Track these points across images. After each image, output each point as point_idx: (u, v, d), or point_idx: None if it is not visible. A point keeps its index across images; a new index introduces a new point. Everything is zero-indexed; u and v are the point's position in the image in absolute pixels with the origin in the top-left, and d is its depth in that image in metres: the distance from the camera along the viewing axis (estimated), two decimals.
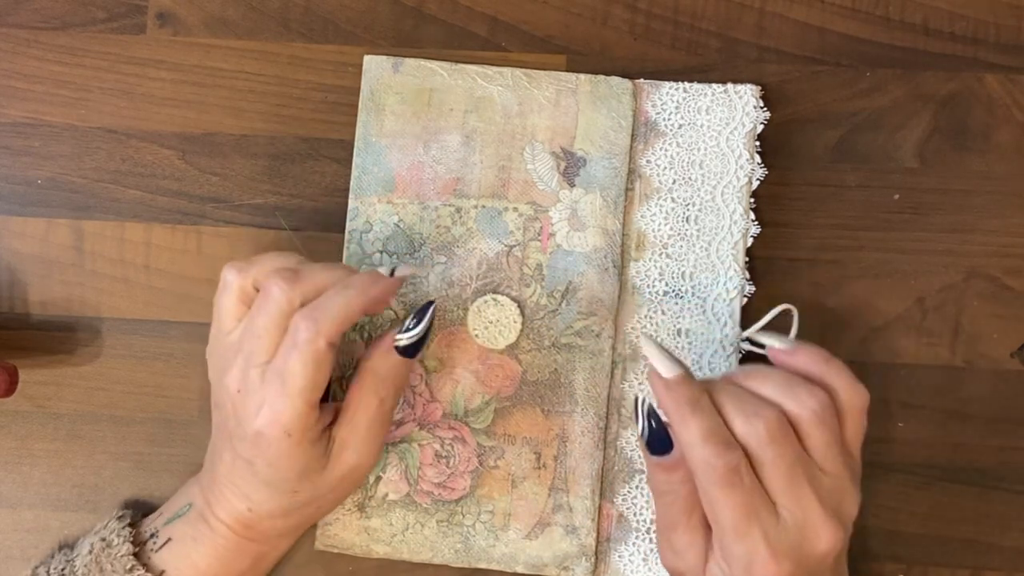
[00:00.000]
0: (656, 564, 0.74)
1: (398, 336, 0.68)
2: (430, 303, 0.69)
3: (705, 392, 0.63)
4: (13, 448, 0.77)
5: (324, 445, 0.67)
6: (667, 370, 0.63)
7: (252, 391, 0.65)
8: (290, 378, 0.64)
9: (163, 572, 0.69)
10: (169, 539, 0.70)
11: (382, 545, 0.74)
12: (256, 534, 0.69)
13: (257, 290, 0.66)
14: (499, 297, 0.74)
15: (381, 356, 0.68)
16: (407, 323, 0.68)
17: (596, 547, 0.74)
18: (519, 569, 0.74)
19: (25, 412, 0.77)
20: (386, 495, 0.74)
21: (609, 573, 0.75)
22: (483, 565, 0.74)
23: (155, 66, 0.78)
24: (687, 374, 0.64)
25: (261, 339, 0.65)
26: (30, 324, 0.77)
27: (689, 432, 0.62)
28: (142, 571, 0.68)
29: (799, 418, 0.63)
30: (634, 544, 0.75)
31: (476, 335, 0.74)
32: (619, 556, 0.75)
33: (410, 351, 0.68)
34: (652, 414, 0.64)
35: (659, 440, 0.64)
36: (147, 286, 0.77)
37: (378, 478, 0.74)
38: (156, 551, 0.69)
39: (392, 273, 0.68)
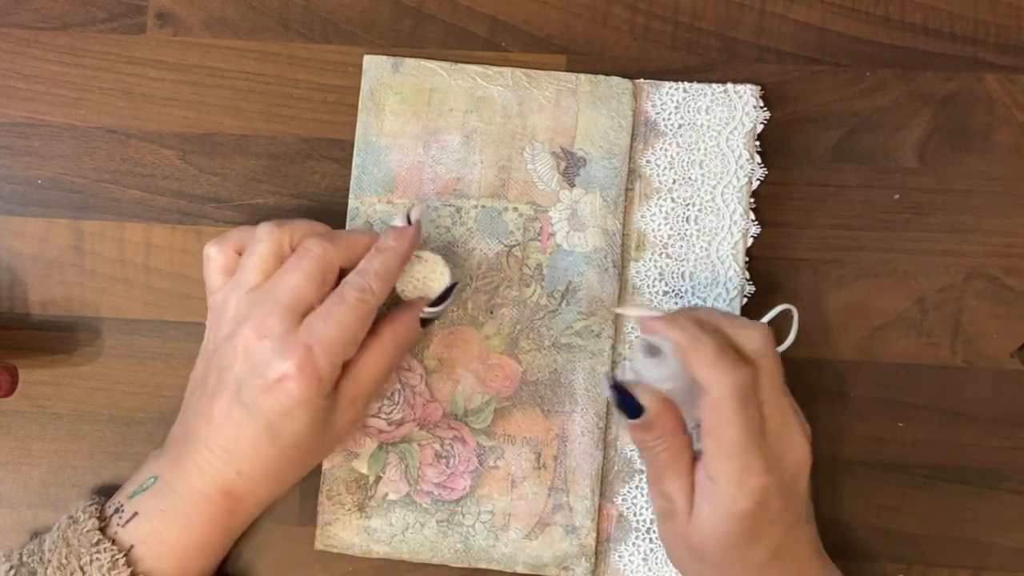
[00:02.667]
0: (656, 564, 0.74)
1: (427, 309, 0.70)
2: (455, 284, 0.71)
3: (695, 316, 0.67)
4: (13, 448, 0.77)
5: (333, 400, 0.68)
6: (652, 312, 0.69)
7: (282, 338, 0.66)
8: (336, 329, 0.66)
9: (131, 547, 0.68)
10: (135, 513, 0.69)
11: (382, 545, 0.74)
12: (235, 503, 0.69)
13: (293, 249, 0.68)
14: (423, 253, 0.72)
15: (407, 324, 0.70)
16: (436, 298, 0.71)
17: (596, 547, 0.74)
18: (519, 569, 0.74)
19: (25, 412, 0.77)
20: (386, 495, 0.74)
21: (609, 573, 0.75)
22: (483, 565, 0.74)
23: (155, 66, 0.78)
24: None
25: (301, 290, 0.67)
26: (30, 324, 0.77)
27: (703, 351, 0.65)
28: (108, 544, 0.67)
29: None
30: (634, 544, 0.75)
31: (404, 293, 0.72)
32: (619, 556, 0.75)
33: (430, 324, 0.72)
34: (616, 385, 0.67)
35: (630, 406, 0.66)
36: (147, 286, 0.77)
37: (378, 478, 0.74)
38: (123, 526, 0.69)
39: (409, 220, 0.70)
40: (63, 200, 0.77)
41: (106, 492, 0.75)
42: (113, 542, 0.68)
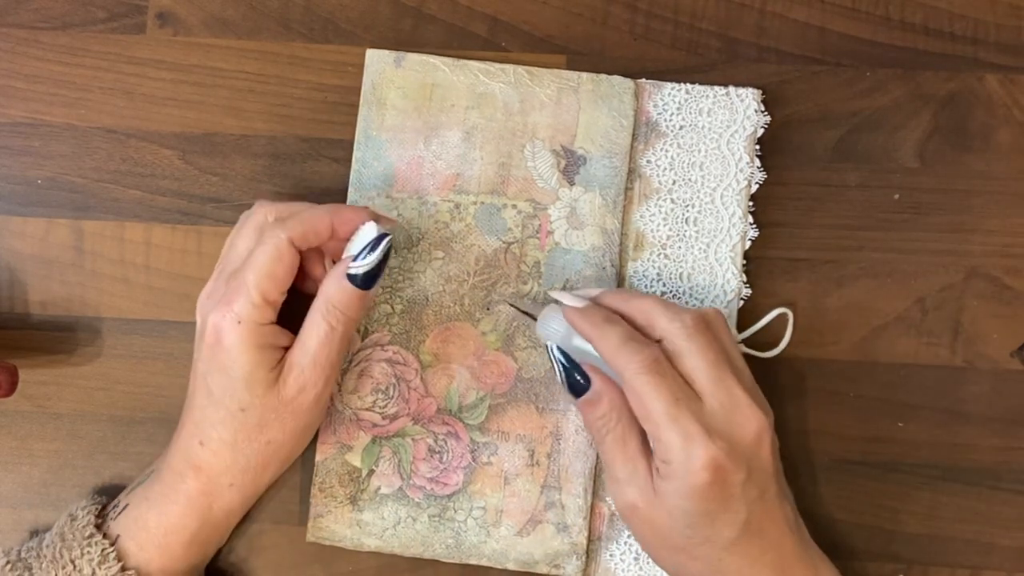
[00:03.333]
0: (647, 563, 0.74)
1: (351, 264, 0.69)
2: (385, 235, 0.69)
3: (614, 313, 0.69)
4: (13, 448, 0.77)
5: (275, 360, 0.68)
6: (579, 303, 0.70)
7: (218, 293, 0.68)
8: (249, 268, 0.67)
9: (118, 536, 0.69)
10: (127, 505, 0.70)
11: (373, 539, 0.74)
12: (205, 481, 0.69)
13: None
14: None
15: (334, 282, 0.69)
16: (361, 252, 0.69)
17: (587, 545, 0.74)
18: (510, 566, 0.74)
19: (25, 412, 0.77)
20: (378, 489, 0.74)
21: (600, 572, 0.75)
22: (474, 561, 0.74)
23: (155, 66, 0.78)
24: (594, 303, 0.70)
25: (236, 248, 0.69)
26: (30, 324, 0.77)
27: (608, 340, 0.67)
28: (99, 538, 0.68)
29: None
30: (625, 543, 0.75)
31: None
32: (610, 555, 0.75)
33: (362, 281, 0.69)
34: (564, 355, 0.69)
35: (577, 378, 0.69)
36: (147, 286, 0.77)
37: (371, 471, 0.74)
38: (115, 519, 0.70)
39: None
40: (63, 200, 0.78)
41: (107, 492, 0.75)
42: (105, 536, 0.68)
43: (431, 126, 0.76)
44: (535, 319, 0.72)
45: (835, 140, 0.78)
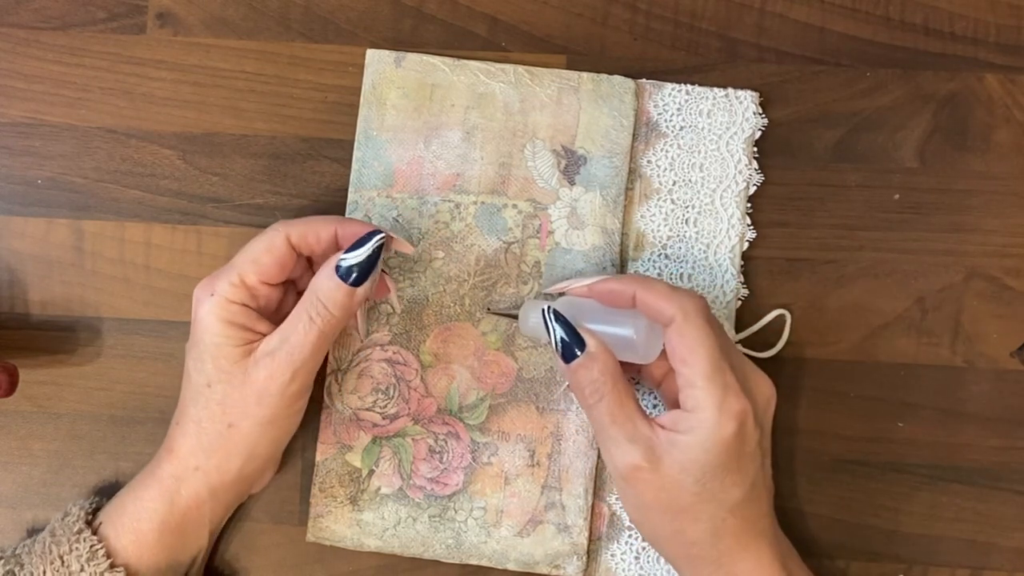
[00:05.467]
0: (648, 563, 0.74)
1: (340, 256, 0.68)
2: (376, 231, 0.68)
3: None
4: (13, 448, 0.77)
5: (245, 340, 0.68)
6: (597, 277, 0.71)
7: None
8: (239, 253, 0.69)
9: (100, 524, 0.69)
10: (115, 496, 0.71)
11: (373, 539, 0.74)
12: (174, 462, 0.69)
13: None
14: None
15: (322, 274, 0.68)
16: (352, 247, 0.68)
17: (588, 545, 0.74)
18: (510, 566, 0.74)
19: (25, 412, 0.77)
20: (379, 489, 0.74)
21: (600, 572, 0.75)
22: (474, 561, 0.74)
23: (155, 66, 0.78)
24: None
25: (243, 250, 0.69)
26: (30, 324, 0.77)
27: (656, 287, 0.67)
28: (88, 534, 0.67)
29: None
30: (626, 543, 0.75)
31: None
32: (611, 555, 0.75)
33: (346, 273, 0.68)
34: (559, 317, 0.68)
35: (573, 340, 0.68)
36: (147, 286, 0.77)
37: (371, 472, 0.74)
38: (104, 509, 0.70)
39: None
40: (63, 200, 0.77)
41: (106, 492, 0.75)
42: (95, 533, 0.68)
43: (431, 126, 0.76)
44: (515, 316, 0.73)
45: (835, 140, 0.78)
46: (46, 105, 0.78)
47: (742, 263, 0.76)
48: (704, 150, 0.77)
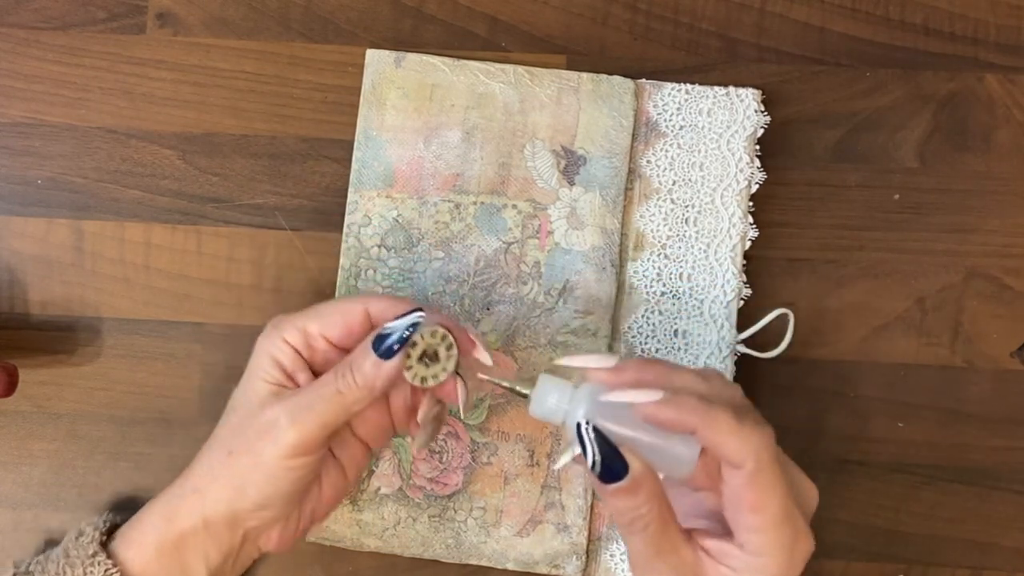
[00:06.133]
0: None
1: (385, 325, 0.65)
2: (418, 308, 0.65)
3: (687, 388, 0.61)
4: (13, 448, 0.77)
5: (277, 380, 0.66)
6: (647, 395, 0.60)
7: None
8: (318, 304, 0.68)
9: (115, 536, 0.68)
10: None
11: (373, 539, 0.74)
12: (184, 479, 0.67)
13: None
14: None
15: (359, 345, 0.65)
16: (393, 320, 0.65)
17: (587, 545, 0.74)
18: (510, 566, 0.74)
19: (25, 412, 0.77)
20: (378, 489, 0.74)
21: (600, 572, 0.75)
22: (474, 561, 0.74)
23: (155, 66, 0.78)
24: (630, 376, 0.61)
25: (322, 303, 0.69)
26: (30, 324, 0.77)
27: (721, 427, 0.58)
28: (103, 557, 0.66)
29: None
30: None
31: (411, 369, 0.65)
32: (610, 555, 0.75)
33: (380, 345, 0.64)
34: (600, 436, 0.60)
35: (614, 463, 0.59)
36: (147, 286, 0.77)
37: (371, 472, 0.74)
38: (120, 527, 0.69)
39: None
40: (63, 200, 0.78)
41: (106, 491, 0.75)
42: (109, 556, 0.67)
43: (431, 126, 0.76)
44: (525, 395, 0.63)
45: (835, 140, 0.78)
46: (46, 105, 0.78)
47: (744, 262, 0.76)
48: (704, 149, 0.77)
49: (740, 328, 0.76)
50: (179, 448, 0.76)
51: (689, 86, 0.77)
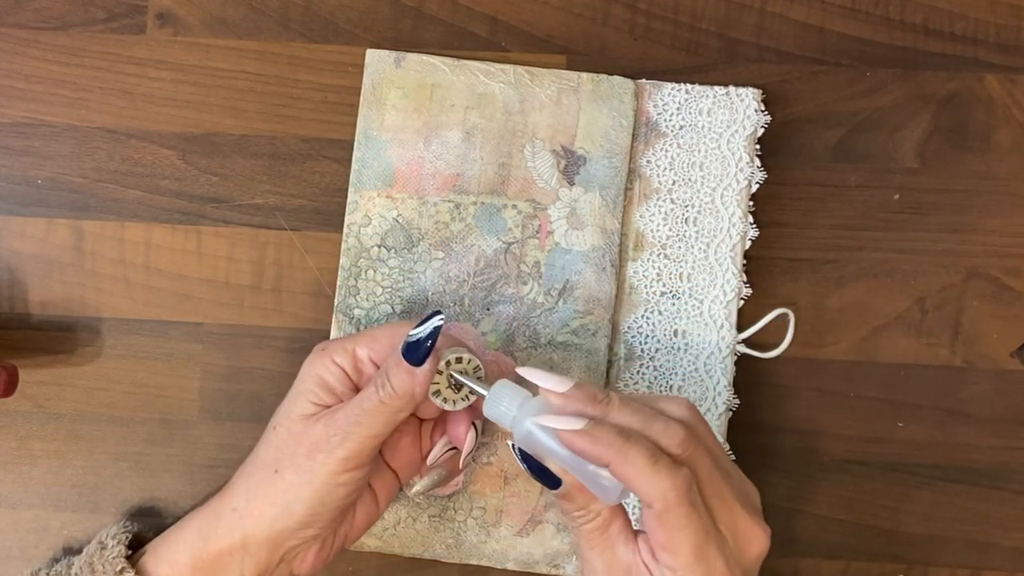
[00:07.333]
0: None
1: (411, 331, 0.66)
2: (438, 312, 0.66)
3: (614, 423, 0.62)
4: (13, 448, 0.77)
5: (323, 401, 0.68)
6: (570, 423, 0.62)
7: None
8: (368, 328, 0.72)
9: (144, 554, 0.68)
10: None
11: (373, 539, 0.74)
12: (223, 497, 0.68)
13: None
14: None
15: (392, 359, 0.66)
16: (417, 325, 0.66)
17: None
18: (510, 566, 0.74)
19: (25, 412, 0.77)
20: None
21: None
22: (474, 561, 0.74)
23: (155, 66, 0.78)
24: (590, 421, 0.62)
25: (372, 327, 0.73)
26: (30, 324, 0.77)
27: (633, 465, 0.59)
28: (131, 573, 0.67)
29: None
30: None
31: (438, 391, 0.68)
32: None
33: (408, 353, 0.65)
34: (527, 458, 0.63)
35: (544, 477, 0.63)
36: (147, 286, 0.77)
37: None
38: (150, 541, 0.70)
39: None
40: (63, 200, 0.77)
41: (106, 491, 0.75)
42: (137, 571, 0.67)
43: (431, 126, 0.76)
44: (483, 394, 0.66)
45: (835, 140, 0.78)
46: (46, 105, 0.78)
47: (744, 262, 0.76)
48: (704, 149, 0.77)
49: (740, 328, 0.76)
50: (179, 448, 0.76)
51: (689, 86, 0.77)
